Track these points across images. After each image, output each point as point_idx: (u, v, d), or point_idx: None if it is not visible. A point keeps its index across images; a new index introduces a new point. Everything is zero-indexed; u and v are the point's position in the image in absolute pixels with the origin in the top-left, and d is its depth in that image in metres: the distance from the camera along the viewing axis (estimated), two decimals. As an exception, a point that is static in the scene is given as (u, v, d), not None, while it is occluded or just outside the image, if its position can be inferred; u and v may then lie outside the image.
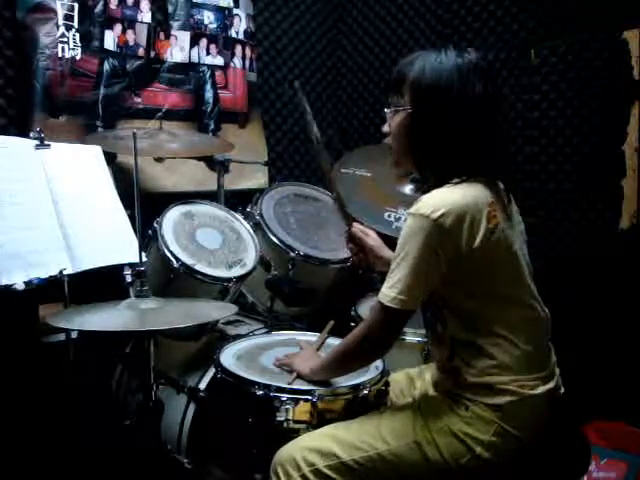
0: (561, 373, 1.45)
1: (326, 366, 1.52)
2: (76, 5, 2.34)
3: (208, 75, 2.77)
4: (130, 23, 2.51)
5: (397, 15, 3.05)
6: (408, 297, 1.30)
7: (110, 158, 2.15)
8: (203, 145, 2.53)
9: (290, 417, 1.48)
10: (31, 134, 1.81)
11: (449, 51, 1.35)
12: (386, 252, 1.68)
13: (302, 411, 1.48)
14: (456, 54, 1.34)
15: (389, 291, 1.31)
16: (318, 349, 1.74)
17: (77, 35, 2.35)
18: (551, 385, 1.38)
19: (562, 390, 1.43)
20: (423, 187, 1.43)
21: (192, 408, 1.88)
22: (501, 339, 1.34)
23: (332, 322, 1.86)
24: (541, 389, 1.35)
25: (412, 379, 1.65)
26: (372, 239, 1.72)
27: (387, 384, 1.60)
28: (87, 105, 2.41)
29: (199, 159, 2.65)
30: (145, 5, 2.55)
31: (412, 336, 1.96)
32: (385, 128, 1.46)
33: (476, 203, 1.30)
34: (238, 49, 2.86)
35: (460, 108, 1.32)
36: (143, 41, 2.56)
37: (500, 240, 1.32)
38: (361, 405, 1.51)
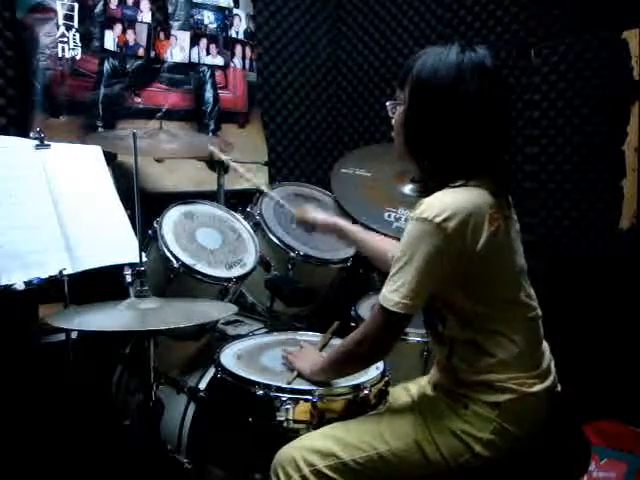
0: (561, 372, 1.45)
1: (326, 367, 1.51)
2: (76, 5, 2.35)
3: (208, 75, 2.77)
4: (130, 23, 2.52)
5: (397, 15, 3.06)
6: (412, 302, 1.29)
7: (110, 158, 2.15)
8: (203, 145, 2.52)
9: (290, 417, 1.48)
10: (31, 134, 1.81)
11: (453, 47, 1.32)
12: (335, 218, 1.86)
13: (302, 411, 1.48)
14: (458, 51, 1.31)
15: (392, 295, 1.30)
16: (321, 349, 1.73)
17: (77, 35, 2.35)
18: (548, 383, 1.38)
19: (559, 388, 1.44)
20: (422, 188, 1.42)
21: (192, 408, 1.88)
22: (500, 337, 1.34)
23: (337, 322, 1.85)
24: (538, 387, 1.35)
25: (408, 388, 1.64)
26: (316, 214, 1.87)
27: (387, 384, 1.60)
28: (87, 105, 2.41)
29: (199, 159, 2.65)
30: (145, 5, 2.56)
31: (412, 336, 1.96)
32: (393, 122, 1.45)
33: (479, 206, 1.29)
34: (238, 49, 2.86)
35: (450, 106, 1.29)
36: (143, 41, 2.56)
37: (501, 243, 1.32)
38: (361, 405, 1.51)
